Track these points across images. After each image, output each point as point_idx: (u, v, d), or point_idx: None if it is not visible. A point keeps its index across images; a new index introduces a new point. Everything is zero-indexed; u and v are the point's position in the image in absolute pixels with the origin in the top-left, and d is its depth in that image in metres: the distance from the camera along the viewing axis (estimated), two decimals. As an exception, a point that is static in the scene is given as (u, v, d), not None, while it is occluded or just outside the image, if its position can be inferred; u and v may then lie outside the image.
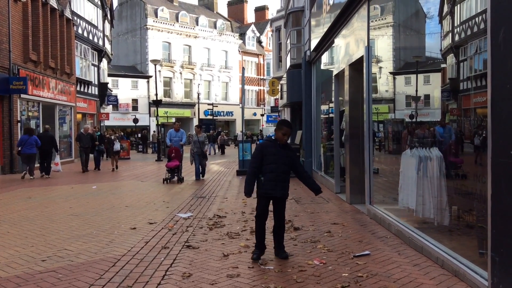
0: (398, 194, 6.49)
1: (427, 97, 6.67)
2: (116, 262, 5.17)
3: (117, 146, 20.04)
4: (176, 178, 14.03)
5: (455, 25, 5.86)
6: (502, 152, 3.45)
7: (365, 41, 7.83)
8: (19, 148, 15.19)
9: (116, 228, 7.11)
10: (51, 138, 16.46)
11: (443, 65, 6.20)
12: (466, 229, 4.89)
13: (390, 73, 7.69)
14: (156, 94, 27.94)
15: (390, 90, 7.81)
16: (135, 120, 39.15)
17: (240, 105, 18.41)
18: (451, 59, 6.12)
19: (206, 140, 14.91)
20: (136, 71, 47.94)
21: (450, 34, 6.04)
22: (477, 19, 5.03)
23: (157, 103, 27.38)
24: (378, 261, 4.99)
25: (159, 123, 29.75)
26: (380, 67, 8.04)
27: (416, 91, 6.78)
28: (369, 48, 7.73)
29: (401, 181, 6.36)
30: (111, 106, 37.72)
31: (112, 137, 21.03)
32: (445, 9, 6.11)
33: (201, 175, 14.88)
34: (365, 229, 6.76)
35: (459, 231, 5.06)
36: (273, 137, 5.46)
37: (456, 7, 5.75)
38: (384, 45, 7.96)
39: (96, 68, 29.42)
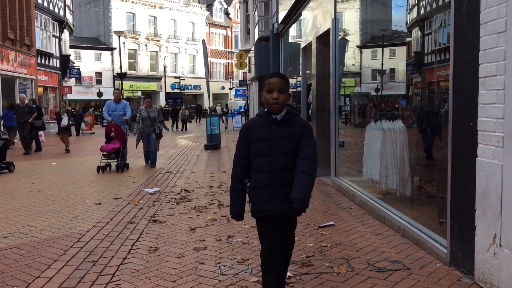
0: (363, 166, 6.61)
1: (392, 70, 6.75)
2: (81, 237, 5.10)
3: (64, 121, 15.88)
4: (120, 165, 10.64)
5: (420, -2, 5.90)
6: (462, 124, 3.53)
7: (332, 13, 7.80)
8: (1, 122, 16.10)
9: (80, 203, 6.99)
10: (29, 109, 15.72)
11: (408, 39, 6.26)
12: (427, 199, 5.04)
13: (357, 46, 7.71)
14: (121, 67, 27.30)
15: (357, 64, 7.86)
16: (99, 94, 38.20)
17: (208, 78, 18.16)
18: (416, 32, 6.18)
19: (161, 115, 11.75)
20: (100, 43, 46.56)
21: (416, 8, 6.08)
22: (441, -8, 5.07)
23: (121, 76, 26.79)
24: (342, 231, 5.10)
25: (124, 96, 29.16)
26: (347, 40, 8.05)
27: (382, 64, 6.84)
28: (336, 20, 7.71)
29: (366, 153, 6.48)
30: (73, 79, 36.64)
31: (61, 111, 16.78)
32: (411, -18, 6.13)
33: (150, 162, 11.36)
34: (330, 200, 6.88)
35: (421, 201, 5.22)
36: (265, 110, 2.93)
37: (421, -20, 5.77)
38: (351, 18, 7.96)
39: (57, 40, 28.41)
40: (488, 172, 3.14)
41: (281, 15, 13.78)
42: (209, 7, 56.52)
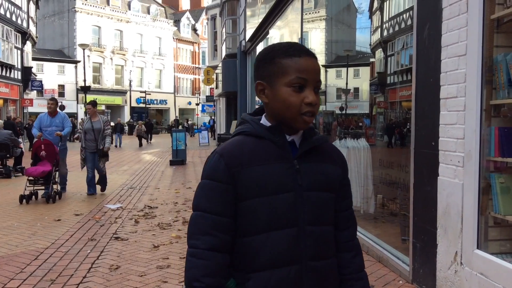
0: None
1: (356, 90, 6.89)
2: (39, 255, 4.91)
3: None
4: (51, 193, 8.29)
5: (384, 20, 6.08)
6: (424, 143, 3.62)
7: (298, 33, 7.93)
8: None
9: (39, 220, 6.75)
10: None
11: (372, 59, 6.42)
12: (390, 217, 5.12)
13: (322, 65, 7.85)
14: (85, 80, 26.83)
15: (322, 83, 7.99)
16: (62, 107, 37.20)
17: (175, 93, 18.09)
18: (379, 53, 6.35)
19: (108, 129, 9.17)
20: (63, 56, 45.64)
21: (379, 30, 6.26)
22: (404, 15, 5.24)
23: (85, 89, 26.30)
24: (307, 249, 5.10)
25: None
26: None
27: (346, 84, 6.98)
28: (302, 40, 7.83)
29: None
30: (35, 91, 35.67)
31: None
32: (375, 4, 6.32)
33: (99, 186, 9.31)
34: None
35: (384, 219, 5.29)
36: (261, 122, 1.35)
37: (385, 3, 5.95)
38: (317, 38, 8.11)
39: (19, 51, 27.65)
40: (449, 191, 3.22)
41: (249, 33, 13.91)
42: (177, 22, 56.48)
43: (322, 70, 7.97)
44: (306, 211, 1.30)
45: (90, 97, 37.45)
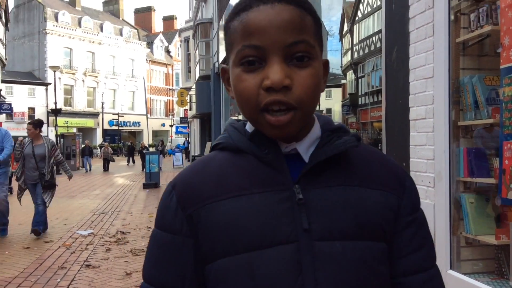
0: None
1: (329, 111, 6.97)
2: (6, 285, 4.73)
3: None
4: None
5: (354, 43, 6.21)
6: (396, 164, 3.67)
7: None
8: None
9: (7, 248, 6.51)
10: None
11: (343, 81, 6.53)
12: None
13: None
14: (55, 103, 26.36)
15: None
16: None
17: (148, 115, 17.96)
18: (350, 75, 6.47)
19: (58, 155, 7.50)
20: (34, 78, 44.93)
21: (350, 52, 6.39)
22: (373, 38, 5.37)
23: (56, 112, 25.83)
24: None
25: (58, 133, 28.08)
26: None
27: (319, 105, 7.06)
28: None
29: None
30: (4, 114, 34.91)
31: None
32: (345, 28, 6.46)
33: (34, 224, 7.23)
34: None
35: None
36: (246, 127, 0.84)
37: (355, 26, 6.09)
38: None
39: (-13, 74, 27.09)
40: (421, 211, 3.25)
41: (222, 55, 14.00)
42: (150, 44, 56.48)
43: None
44: (322, 279, 0.73)
45: (61, 120, 36.81)
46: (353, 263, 0.74)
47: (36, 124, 7.39)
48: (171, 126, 55.32)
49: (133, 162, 30.87)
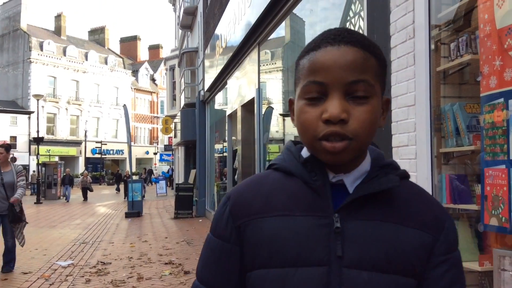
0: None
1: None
2: (-21, 320, 4.54)
3: None
4: None
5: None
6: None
7: (256, 83, 8.08)
8: None
9: (-19, 280, 6.30)
10: None
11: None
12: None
13: (280, 114, 7.98)
14: (38, 131, 26.07)
15: (280, 131, 8.09)
16: (13, 159, 35.93)
17: (132, 143, 17.79)
18: (334, 103, 6.53)
19: (22, 180, 6.88)
20: (17, 106, 44.51)
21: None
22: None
23: (38, 140, 25.51)
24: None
25: (40, 162, 27.69)
26: (272, 109, 8.32)
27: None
28: (260, 90, 7.98)
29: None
30: (-15, 142, 34.36)
31: None
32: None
33: (3, 265, 6.80)
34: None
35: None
36: (302, 152, 0.91)
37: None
38: (274, 88, 8.29)
39: (-32, 101, 26.79)
40: (405, 238, 3.24)
41: (208, 83, 14.07)
42: (135, 72, 56.65)
43: (281, 118, 8.12)
44: None
45: (43, 149, 36.34)
46: None
47: (7, 148, 6.93)
48: (155, 153, 55.02)
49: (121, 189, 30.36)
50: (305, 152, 0.89)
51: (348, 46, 0.80)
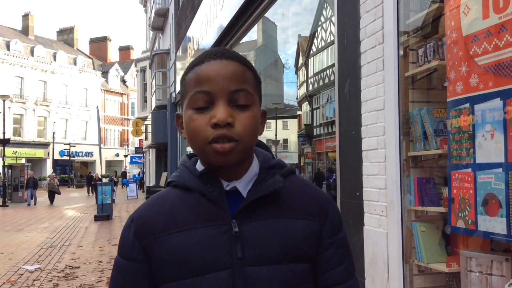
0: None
1: (285, 141, 7.06)
2: None
3: None
4: None
5: (309, 76, 6.36)
6: (349, 193, 3.72)
7: (227, 86, 8.07)
8: None
9: None
10: None
11: (299, 112, 6.65)
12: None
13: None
14: (4, 132, 25.33)
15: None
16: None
17: (102, 145, 17.51)
18: (306, 106, 6.60)
19: None
20: (-19, 106, 43.17)
21: (305, 84, 6.53)
22: (327, 71, 5.52)
23: (4, 142, 24.79)
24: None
25: (6, 164, 26.90)
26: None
27: (276, 135, 7.13)
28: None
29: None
30: None
31: None
32: (300, 61, 6.62)
33: None
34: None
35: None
36: (196, 165, 0.99)
37: (310, 59, 6.25)
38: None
39: None
40: (374, 240, 3.30)
41: (179, 85, 13.98)
42: (105, 74, 55.74)
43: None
44: None
45: (9, 150, 35.35)
46: (278, 283, 0.89)
47: None
48: (125, 156, 54.24)
49: (93, 192, 29.67)
50: (199, 166, 0.96)
51: (228, 60, 0.91)
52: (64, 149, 46.31)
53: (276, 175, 0.94)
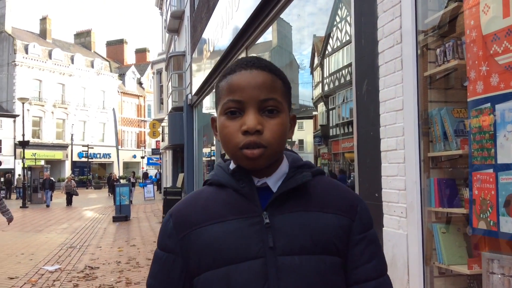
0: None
1: (301, 142, 7.03)
2: (-36, 328, 4.47)
3: None
4: None
5: (325, 76, 6.34)
6: (368, 195, 3.69)
7: (243, 87, 8.08)
8: None
9: (-34, 287, 6.20)
10: None
11: (314, 113, 6.62)
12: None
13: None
14: (23, 135, 25.77)
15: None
16: (-2, 163, 35.51)
17: (119, 147, 17.69)
18: (321, 107, 6.56)
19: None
20: (1, 110, 43.93)
21: (320, 84, 6.50)
22: (343, 71, 5.49)
23: (23, 144, 25.20)
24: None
25: (26, 166, 27.34)
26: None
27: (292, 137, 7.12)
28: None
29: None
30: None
31: None
32: (316, 61, 6.60)
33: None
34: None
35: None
36: (230, 166, 1.05)
37: (325, 60, 6.22)
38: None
39: (-49, 105, 26.37)
40: (394, 242, 3.27)
41: (195, 87, 14.04)
42: (122, 76, 56.28)
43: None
44: (284, 286, 0.92)
45: (29, 152, 35.94)
46: (309, 273, 0.92)
47: None
48: (142, 157, 54.68)
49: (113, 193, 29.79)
50: (232, 165, 1.03)
51: (258, 70, 0.97)
52: (82, 151, 46.87)
53: (304, 172, 1.00)
